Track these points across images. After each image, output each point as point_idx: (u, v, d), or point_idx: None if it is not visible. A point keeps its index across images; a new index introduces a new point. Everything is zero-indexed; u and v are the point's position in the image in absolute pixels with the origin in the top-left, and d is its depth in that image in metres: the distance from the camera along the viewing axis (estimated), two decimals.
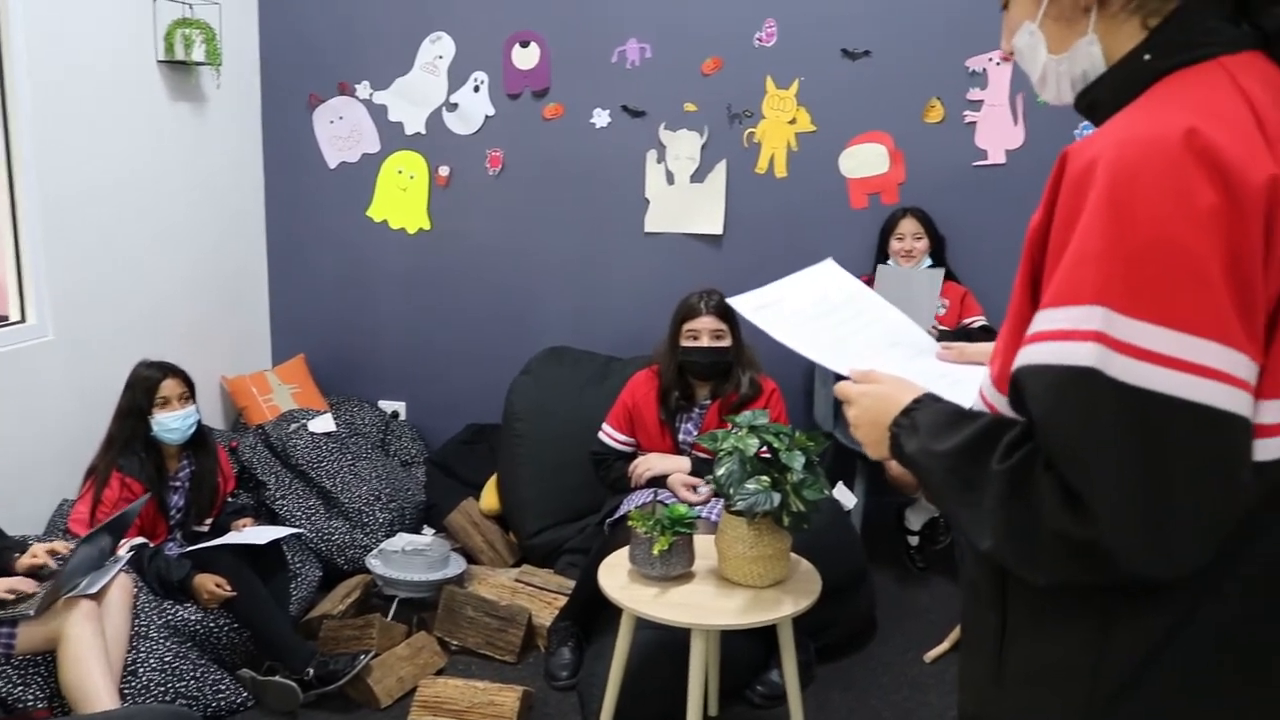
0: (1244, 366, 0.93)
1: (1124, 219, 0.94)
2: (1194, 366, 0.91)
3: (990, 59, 4.04)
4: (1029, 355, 1.00)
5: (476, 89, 4.49)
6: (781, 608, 2.47)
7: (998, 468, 1.00)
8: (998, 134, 4.11)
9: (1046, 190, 1.04)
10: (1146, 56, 1.08)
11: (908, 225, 3.97)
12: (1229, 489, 0.94)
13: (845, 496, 3.60)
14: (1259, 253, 0.93)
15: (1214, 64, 1.03)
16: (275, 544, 3.29)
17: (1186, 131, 0.93)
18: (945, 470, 1.08)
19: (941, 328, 3.87)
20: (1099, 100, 1.13)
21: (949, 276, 4.02)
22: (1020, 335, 1.03)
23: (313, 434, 4.07)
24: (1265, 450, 0.97)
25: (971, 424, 1.07)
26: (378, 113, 4.61)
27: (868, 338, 1.47)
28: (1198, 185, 0.92)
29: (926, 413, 1.15)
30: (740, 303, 1.52)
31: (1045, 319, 0.98)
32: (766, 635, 2.79)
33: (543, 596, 3.54)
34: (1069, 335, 0.95)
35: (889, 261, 3.98)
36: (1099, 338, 0.93)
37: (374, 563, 3.58)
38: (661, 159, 4.36)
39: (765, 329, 1.45)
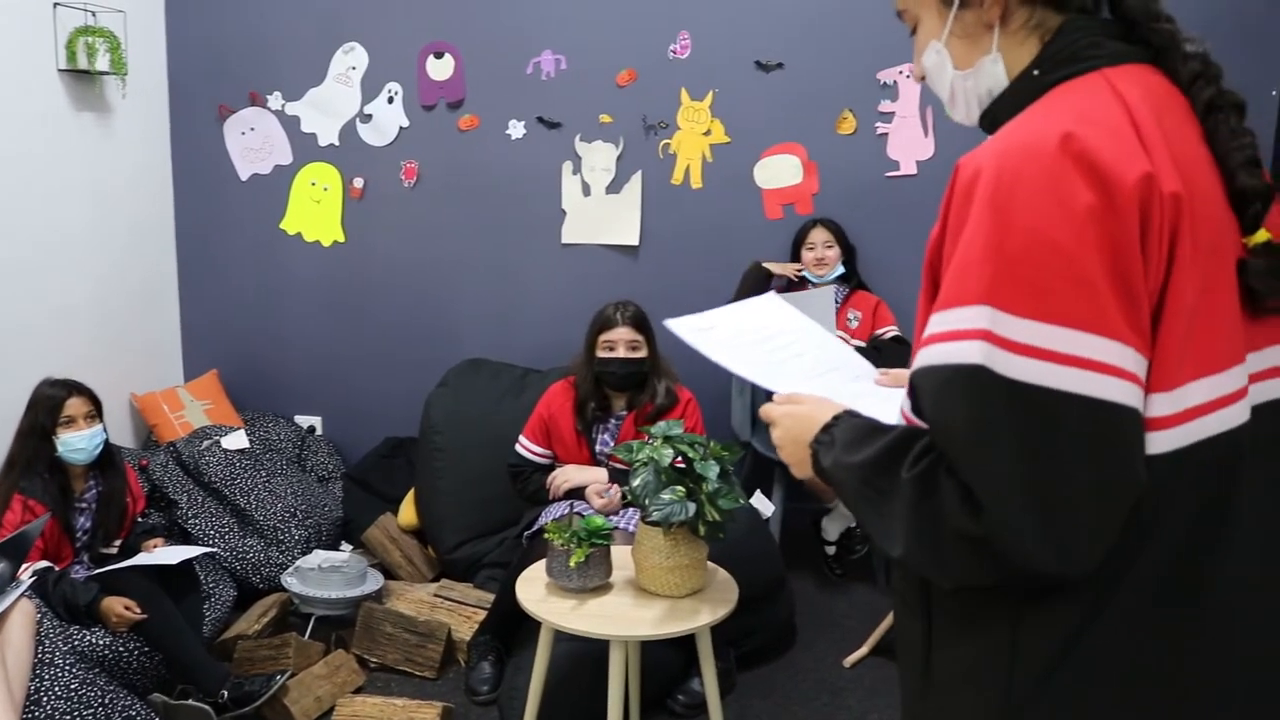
0: (1131, 359, 0.95)
1: (1005, 222, 0.97)
2: (1080, 360, 0.94)
3: (901, 72, 4.12)
4: (922, 358, 1.02)
5: (390, 100, 4.46)
6: (699, 617, 2.48)
7: (907, 475, 1.02)
8: (909, 145, 4.18)
9: (942, 203, 1.07)
10: (1035, 71, 1.12)
11: (818, 235, 4.03)
12: (1122, 480, 0.96)
13: (763, 505, 3.63)
14: (1137, 248, 0.96)
15: (1096, 75, 1.07)
16: (187, 564, 3.22)
17: (1063, 136, 0.97)
18: (859, 481, 1.09)
19: (856, 341, 3.93)
20: (999, 117, 1.16)
21: (861, 286, 4.09)
22: None
23: (226, 451, 4.00)
24: (1156, 443, 0.99)
25: (885, 435, 1.08)
26: (290, 124, 4.55)
27: (805, 363, 1.48)
28: (1075, 186, 0.95)
29: (844, 428, 1.16)
30: (679, 326, 1.52)
31: (936, 322, 1.01)
32: (686, 644, 2.80)
33: (462, 611, 3.51)
34: (957, 335, 0.98)
35: (803, 272, 4.03)
36: (986, 336, 0.96)
37: (290, 581, 3.53)
38: (577, 170, 4.36)
39: (704, 352, 1.46)
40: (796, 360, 1.47)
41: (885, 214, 4.18)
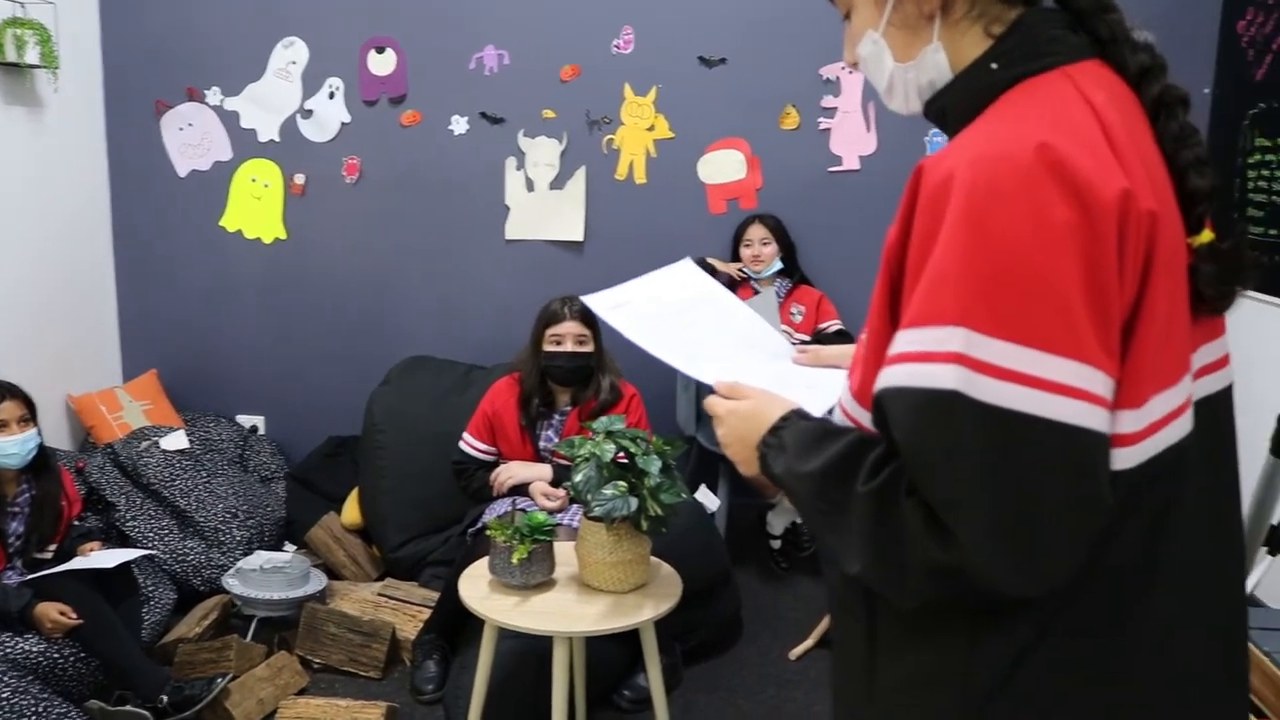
0: (1100, 383, 0.93)
1: (981, 238, 0.93)
2: (1054, 385, 0.91)
3: (844, 67, 4.14)
4: (890, 378, 0.97)
5: (331, 95, 4.41)
6: (642, 612, 2.48)
7: (863, 489, 0.99)
8: (852, 141, 4.21)
9: (902, 204, 1.02)
10: (993, 66, 1.07)
11: (755, 232, 4.04)
12: (1091, 505, 0.94)
13: (708, 499, 3.64)
14: (1113, 266, 0.93)
15: (1059, 73, 1.03)
16: (125, 567, 3.16)
17: (1039, 146, 0.93)
18: (812, 493, 1.06)
19: (800, 335, 3.95)
20: (948, 108, 1.13)
21: (804, 281, 4.11)
22: (881, 351, 1.00)
23: (165, 452, 3.93)
24: (1121, 459, 0.97)
25: (836, 442, 1.04)
26: (229, 119, 4.49)
27: (722, 340, 1.47)
28: (1052, 202, 0.92)
29: (793, 431, 1.13)
30: (595, 301, 1.50)
31: (906, 340, 0.97)
32: (632, 640, 2.80)
33: (407, 610, 3.49)
34: (930, 357, 0.93)
35: (743, 270, 4.05)
36: (960, 359, 0.92)
37: (231, 582, 3.48)
38: (521, 166, 4.34)
39: (619, 328, 1.44)
40: (712, 338, 1.46)
41: (829, 209, 4.21)
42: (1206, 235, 1.05)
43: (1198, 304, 1.04)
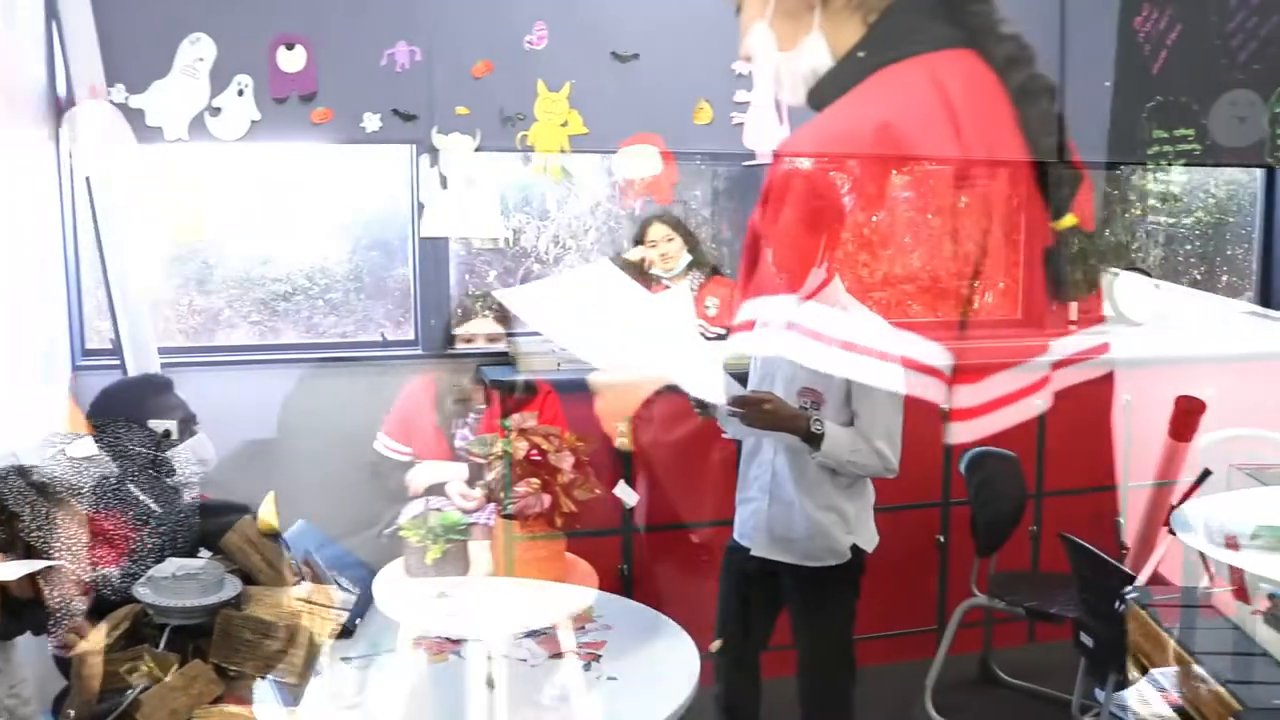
0: (935, 354, 0.97)
1: (821, 211, 0.97)
2: (887, 355, 0.95)
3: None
4: (734, 346, 1.02)
5: (240, 93, 4.33)
6: (560, 608, 2.49)
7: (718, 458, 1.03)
8: (764, 134, 4.25)
9: (762, 189, 1.06)
10: (860, 54, 1.11)
11: (657, 231, 4.07)
12: None
13: (627, 495, 3.65)
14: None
15: (919, 61, 1.08)
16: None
17: (879, 127, 0.97)
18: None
19: (715, 329, 3.98)
20: (826, 97, 1.16)
21: (716, 272, 4.14)
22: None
23: (72, 459, 3.84)
24: (960, 433, 1.01)
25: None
26: (134, 118, 4.39)
27: (632, 333, 1.49)
28: (887, 178, 0.96)
29: (661, 406, 1.17)
30: (509, 296, 1.52)
31: (747, 309, 1.01)
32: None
33: (325, 614, 3.44)
34: (767, 325, 0.98)
35: (653, 269, 4.07)
36: (794, 327, 0.96)
37: (142, 591, 3.40)
38: (435, 163, 4.32)
39: (532, 324, 1.46)
40: (623, 332, 1.48)
41: (744, 202, 4.24)
42: (1069, 220, 1.08)
43: (1060, 288, 1.08)
